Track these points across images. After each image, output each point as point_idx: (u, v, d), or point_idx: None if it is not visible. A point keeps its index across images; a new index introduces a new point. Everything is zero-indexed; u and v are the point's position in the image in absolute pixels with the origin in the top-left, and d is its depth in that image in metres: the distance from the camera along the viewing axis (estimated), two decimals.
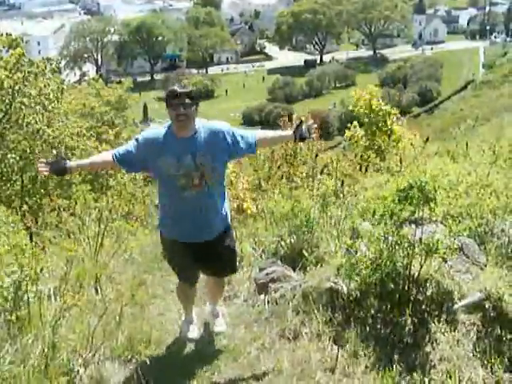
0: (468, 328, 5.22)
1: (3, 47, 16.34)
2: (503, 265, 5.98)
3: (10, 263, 5.16)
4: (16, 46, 16.00)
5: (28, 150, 14.94)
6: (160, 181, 5.01)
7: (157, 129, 4.99)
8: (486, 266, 6.01)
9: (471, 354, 4.98)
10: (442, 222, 5.94)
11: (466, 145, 12.25)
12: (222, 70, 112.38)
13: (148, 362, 4.57)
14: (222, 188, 5.14)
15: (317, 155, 10.87)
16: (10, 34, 16.67)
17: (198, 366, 5.03)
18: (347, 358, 4.95)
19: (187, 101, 4.74)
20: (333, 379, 4.77)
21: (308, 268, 6.40)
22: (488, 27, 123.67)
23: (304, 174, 10.52)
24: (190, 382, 4.83)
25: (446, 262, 5.31)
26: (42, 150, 14.87)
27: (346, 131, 15.91)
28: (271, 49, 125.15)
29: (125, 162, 4.92)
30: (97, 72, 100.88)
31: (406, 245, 5.29)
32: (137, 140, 4.90)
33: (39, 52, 75.75)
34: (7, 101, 14.94)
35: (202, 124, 4.93)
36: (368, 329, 5.25)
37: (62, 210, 8.76)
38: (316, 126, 4.84)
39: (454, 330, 5.17)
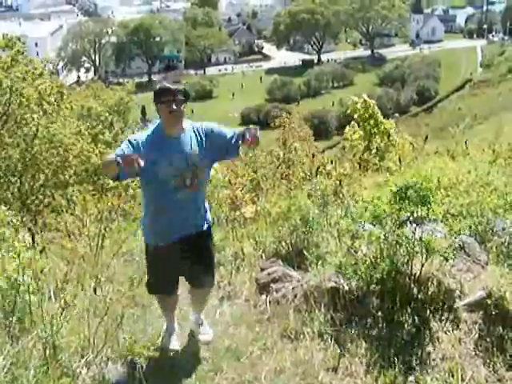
0: (470, 326, 5.22)
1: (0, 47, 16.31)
2: (504, 263, 5.98)
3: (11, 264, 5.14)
4: (13, 46, 15.97)
5: (27, 151, 14.92)
6: (150, 184, 4.88)
7: (145, 131, 4.88)
8: (487, 264, 6.02)
9: (473, 353, 4.98)
10: (442, 221, 5.94)
11: (466, 143, 12.25)
12: (220, 71, 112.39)
13: (149, 363, 4.56)
14: (205, 187, 5.17)
15: (313, 155, 10.88)
16: (7, 35, 16.64)
17: (200, 366, 5.02)
18: (349, 358, 4.94)
19: (180, 97, 4.69)
20: (335, 379, 4.77)
21: (309, 268, 6.39)
22: (485, 26, 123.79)
23: (302, 175, 10.51)
24: (193, 383, 4.82)
25: (447, 260, 5.31)
26: (40, 151, 14.84)
27: (346, 129, 15.97)
28: (269, 49, 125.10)
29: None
30: (95, 73, 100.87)
31: (406, 244, 5.29)
32: (130, 142, 4.73)
33: (37, 53, 75.62)
34: (5, 101, 14.90)
35: (190, 123, 4.91)
36: (369, 328, 5.25)
37: (61, 210, 8.75)
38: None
39: (456, 329, 5.17)
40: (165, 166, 4.71)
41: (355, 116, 15.97)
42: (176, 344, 5.35)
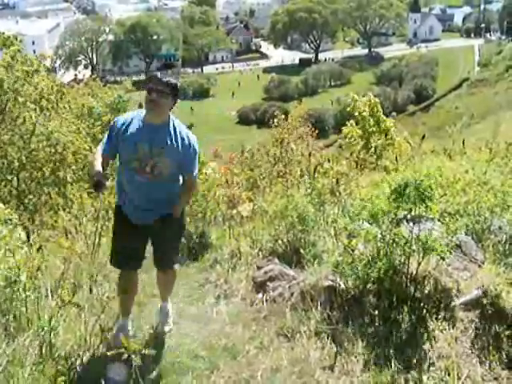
0: (466, 325, 5.23)
1: None
2: (501, 262, 5.99)
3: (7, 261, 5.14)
4: (10, 44, 15.92)
5: (23, 149, 14.87)
6: (120, 157, 5.11)
7: (134, 112, 5.14)
8: (483, 263, 6.02)
9: (470, 351, 4.99)
10: (439, 220, 5.94)
11: (463, 143, 12.26)
12: (218, 69, 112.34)
13: (146, 362, 4.56)
14: (174, 184, 5.19)
15: (310, 154, 10.87)
16: (3, 33, 16.60)
17: (197, 364, 5.02)
18: (346, 356, 4.94)
19: (162, 89, 4.82)
20: (332, 377, 4.77)
21: (306, 266, 6.40)
22: (483, 25, 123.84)
23: (298, 173, 10.51)
24: (189, 381, 4.81)
25: (443, 259, 5.31)
26: (37, 148, 14.80)
27: (343, 129, 15.98)
28: (267, 47, 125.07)
29: (114, 155, 5.10)
30: (92, 72, 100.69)
31: (403, 243, 5.29)
32: (112, 127, 5.06)
33: (34, 51, 74.93)
34: (2, 99, 14.87)
35: (178, 124, 5.03)
36: (366, 326, 5.25)
37: (58, 209, 8.74)
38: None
39: (453, 328, 5.18)
40: (131, 145, 4.92)
41: (356, 113, 15.99)
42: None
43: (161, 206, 5.13)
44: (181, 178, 5.21)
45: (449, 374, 4.68)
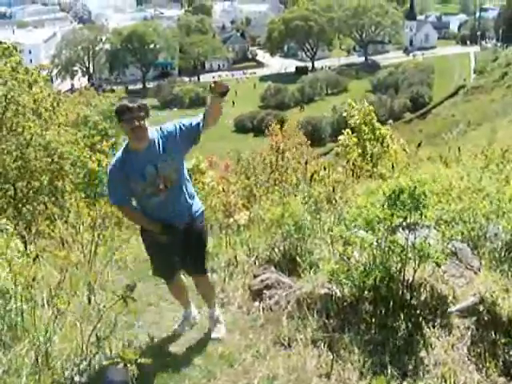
0: (463, 332, 5.23)
1: None
2: (497, 269, 6.00)
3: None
4: (9, 54, 15.96)
5: (21, 158, 14.88)
6: (132, 195, 5.30)
7: (117, 153, 5.25)
8: (479, 270, 6.03)
9: (466, 358, 4.99)
10: (435, 227, 5.95)
11: (459, 150, 12.29)
12: (214, 78, 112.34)
13: (142, 370, 4.55)
14: (184, 181, 5.34)
15: (306, 162, 10.89)
16: (1, 43, 16.63)
17: (193, 373, 5.02)
18: (342, 364, 4.94)
19: (140, 114, 4.95)
20: None
21: (302, 274, 6.41)
22: (479, 33, 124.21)
23: (295, 181, 10.52)
24: None
25: (439, 266, 5.32)
26: (35, 158, 14.81)
27: (340, 137, 16.01)
28: (263, 56, 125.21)
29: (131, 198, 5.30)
30: (88, 80, 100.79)
31: (399, 250, 5.30)
32: (112, 174, 5.18)
33: (31, 61, 75.48)
34: (0, 109, 14.89)
35: (156, 130, 5.15)
36: (362, 334, 5.25)
37: (55, 218, 8.74)
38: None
39: (449, 335, 5.18)
40: (138, 178, 5.05)
41: (351, 121, 16.02)
42: (185, 329, 5.77)
43: (185, 210, 5.33)
44: (188, 177, 5.45)
45: (445, 381, 4.69)
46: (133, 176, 5.04)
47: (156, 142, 5.07)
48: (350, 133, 15.97)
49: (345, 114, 16.71)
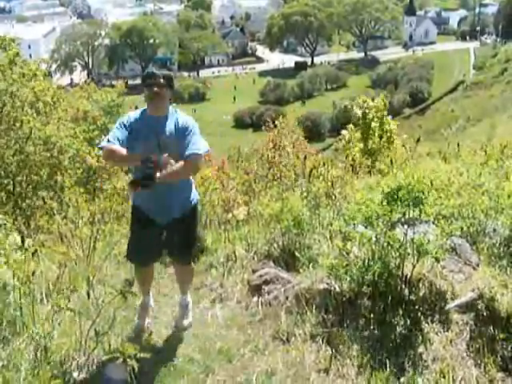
0: (461, 328, 5.24)
1: None
2: (495, 264, 6.01)
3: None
4: (7, 47, 15.89)
5: (20, 152, 14.84)
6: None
7: (134, 112, 5.28)
8: (478, 265, 6.03)
9: (464, 354, 5.00)
10: (434, 223, 5.95)
11: (458, 145, 12.28)
12: (214, 73, 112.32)
13: (141, 365, 4.55)
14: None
15: (305, 158, 10.86)
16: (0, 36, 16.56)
17: (192, 368, 5.02)
18: (341, 359, 4.95)
19: (161, 81, 5.03)
20: (327, 380, 4.77)
21: (301, 269, 6.41)
22: (478, 28, 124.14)
23: (293, 177, 10.51)
24: None
25: (438, 262, 5.33)
26: (34, 152, 14.76)
27: (343, 131, 15.99)
28: (263, 51, 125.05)
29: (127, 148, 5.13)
30: (88, 75, 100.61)
31: (398, 245, 5.30)
32: (122, 123, 5.12)
33: (30, 56, 75.22)
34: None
35: (176, 111, 5.21)
36: (361, 329, 5.26)
37: (54, 213, 8.73)
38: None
39: (447, 330, 5.19)
40: (141, 138, 5.03)
41: (359, 113, 15.94)
42: (148, 321, 5.66)
43: (178, 204, 5.27)
44: None
45: (444, 377, 4.69)
46: (138, 134, 5.02)
47: (170, 120, 5.11)
48: (353, 128, 15.96)
49: (356, 110, 16.58)
